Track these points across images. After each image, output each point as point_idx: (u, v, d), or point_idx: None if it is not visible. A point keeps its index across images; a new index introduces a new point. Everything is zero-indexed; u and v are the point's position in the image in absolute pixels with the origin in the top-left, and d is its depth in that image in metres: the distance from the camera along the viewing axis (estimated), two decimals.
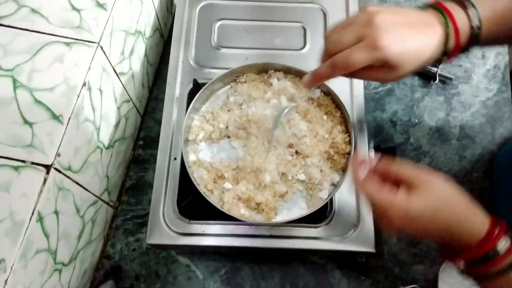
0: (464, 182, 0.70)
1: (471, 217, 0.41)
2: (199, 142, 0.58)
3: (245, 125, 0.56)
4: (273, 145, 0.55)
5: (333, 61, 0.44)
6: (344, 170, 0.55)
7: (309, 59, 0.66)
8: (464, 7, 0.46)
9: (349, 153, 0.55)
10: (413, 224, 0.40)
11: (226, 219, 0.55)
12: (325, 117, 0.58)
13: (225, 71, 0.59)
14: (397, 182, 0.43)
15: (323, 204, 0.52)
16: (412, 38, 0.43)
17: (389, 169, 0.44)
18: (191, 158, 0.56)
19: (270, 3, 0.70)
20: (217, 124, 0.57)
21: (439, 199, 0.40)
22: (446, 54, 0.46)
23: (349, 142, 0.56)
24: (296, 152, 0.56)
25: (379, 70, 0.44)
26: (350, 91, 0.63)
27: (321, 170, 0.55)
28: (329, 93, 0.59)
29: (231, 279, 0.63)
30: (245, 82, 0.60)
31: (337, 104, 0.58)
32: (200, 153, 0.57)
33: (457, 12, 0.45)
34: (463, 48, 0.47)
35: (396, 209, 0.40)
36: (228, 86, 0.61)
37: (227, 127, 0.57)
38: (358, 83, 0.64)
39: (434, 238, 0.44)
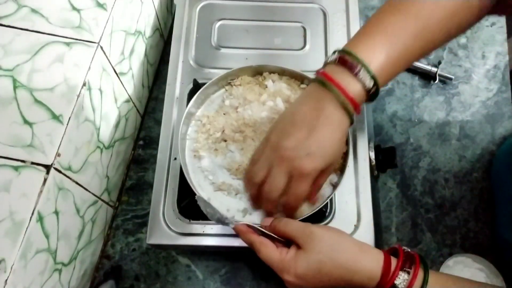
0: (464, 182, 0.70)
1: (361, 261, 0.42)
2: (198, 152, 0.56)
3: (241, 128, 0.56)
4: None
5: (290, 206, 0.47)
6: (342, 170, 0.55)
7: (309, 59, 0.66)
8: (353, 73, 0.43)
9: (346, 153, 0.55)
10: (306, 282, 0.42)
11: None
12: None
13: (225, 71, 0.59)
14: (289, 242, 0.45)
15: (323, 204, 0.52)
16: (321, 143, 0.44)
17: (277, 230, 0.45)
18: (190, 167, 0.56)
19: (270, 3, 0.70)
20: (213, 129, 0.57)
21: (320, 252, 0.42)
22: (352, 119, 0.45)
23: (346, 142, 0.55)
24: None
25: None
26: None
27: None
28: None
29: (231, 279, 0.63)
30: (240, 85, 0.60)
31: None
32: (201, 161, 0.56)
33: (346, 82, 0.43)
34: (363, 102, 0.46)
35: (286, 270, 0.42)
36: (223, 90, 0.61)
37: (223, 131, 0.57)
38: None
39: None
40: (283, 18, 0.69)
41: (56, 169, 0.43)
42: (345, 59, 0.44)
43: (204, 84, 0.58)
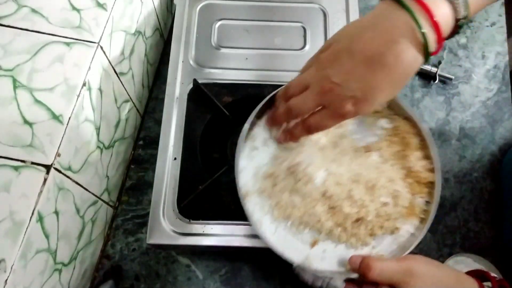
0: (464, 182, 0.70)
1: None
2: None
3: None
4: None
5: (307, 126, 0.43)
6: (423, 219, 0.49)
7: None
8: None
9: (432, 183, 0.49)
10: None
11: (226, 219, 0.55)
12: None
13: (225, 70, 0.58)
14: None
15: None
16: (377, 77, 0.36)
17: (371, 279, 0.41)
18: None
19: (270, 3, 0.70)
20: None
21: None
22: (428, 58, 0.36)
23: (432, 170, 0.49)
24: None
25: None
26: None
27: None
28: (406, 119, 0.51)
29: (231, 279, 0.63)
30: None
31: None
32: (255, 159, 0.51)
33: (436, 4, 0.34)
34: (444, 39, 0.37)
35: None
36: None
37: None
38: None
39: None
40: (283, 18, 0.69)
41: (56, 169, 0.43)
42: None
43: (204, 84, 0.58)
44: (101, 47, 0.50)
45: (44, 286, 0.46)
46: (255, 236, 0.55)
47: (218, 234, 0.55)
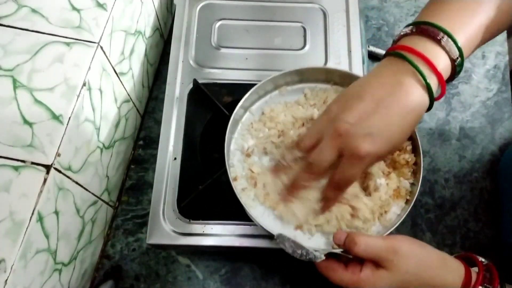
0: (464, 182, 0.70)
1: (445, 277, 0.41)
2: (251, 153, 0.53)
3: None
4: None
5: (335, 184, 0.42)
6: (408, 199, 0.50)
7: (309, 59, 0.66)
8: (437, 41, 0.37)
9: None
10: None
11: (226, 219, 0.55)
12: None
13: (225, 70, 0.58)
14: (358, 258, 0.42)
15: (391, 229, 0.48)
16: (389, 115, 0.37)
17: (355, 253, 0.41)
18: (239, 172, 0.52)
19: (270, 3, 0.70)
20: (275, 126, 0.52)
21: (407, 272, 0.40)
22: (432, 102, 0.39)
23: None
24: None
25: None
26: None
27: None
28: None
29: (231, 279, 0.63)
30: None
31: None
32: (253, 166, 0.52)
33: (431, 53, 0.37)
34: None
35: (363, 286, 0.39)
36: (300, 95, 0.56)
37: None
38: None
39: None
40: (283, 18, 0.69)
41: (56, 169, 0.43)
42: (424, 28, 0.37)
43: (204, 84, 0.58)
44: (101, 47, 0.50)
45: (44, 286, 0.46)
46: (255, 236, 0.55)
47: (218, 234, 0.55)
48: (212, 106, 0.61)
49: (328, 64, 0.65)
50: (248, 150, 0.53)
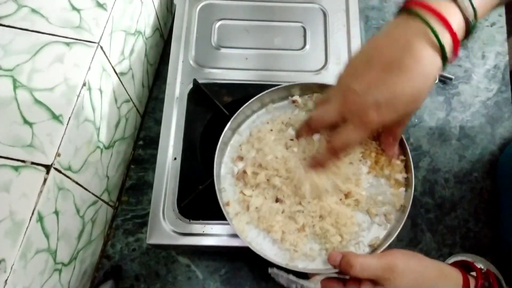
0: (464, 182, 0.70)
1: (442, 286, 0.41)
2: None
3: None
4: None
5: (331, 147, 0.42)
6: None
7: (309, 59, 0.66)
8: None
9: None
10: None
11: (226, 219, 0.55)
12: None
13: (225, 71, 0.58)
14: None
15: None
16: (397, 82, 0.36)
17: (352, 275, 0.41)
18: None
19: (270, 3, 0.70)
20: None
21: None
22: (446, 63, 0.37)
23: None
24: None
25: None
26: None
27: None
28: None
29: (231, 279, 0.63)
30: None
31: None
32: (245, 189, 0.51)
33: (445, 9, 0.34)
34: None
35: None
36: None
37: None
38: None
39: None
40: (283, 18, 0.69)
41: (56, 169, 0.43)
42: None
43: (204, 84, 0.58)
44: (101, 47, 0.50)
45: (44, 286, 0.46)
46: None
47: (218, 234, 0.55)
48: (212, 106, 0.61)
49: (328, 64, 0.65)
50: (238, 173, 0.52)
